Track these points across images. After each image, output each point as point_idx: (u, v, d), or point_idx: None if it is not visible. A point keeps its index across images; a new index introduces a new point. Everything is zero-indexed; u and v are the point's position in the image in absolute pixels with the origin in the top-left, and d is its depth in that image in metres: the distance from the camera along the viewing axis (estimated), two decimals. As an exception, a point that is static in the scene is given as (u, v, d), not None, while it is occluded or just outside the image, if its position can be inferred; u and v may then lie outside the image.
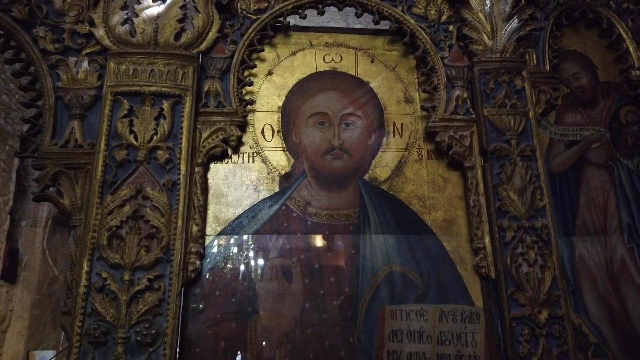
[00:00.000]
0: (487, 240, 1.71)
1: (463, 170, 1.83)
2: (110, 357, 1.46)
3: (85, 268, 1.54)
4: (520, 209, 1.70)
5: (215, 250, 1.70)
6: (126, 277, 1.54)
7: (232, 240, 1.72)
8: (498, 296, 1.64)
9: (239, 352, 1.59)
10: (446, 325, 1.64)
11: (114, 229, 1.58)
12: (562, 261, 1.73)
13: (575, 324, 1.66)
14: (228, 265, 1.70)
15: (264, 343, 1.60)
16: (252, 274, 1.69)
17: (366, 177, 1.84)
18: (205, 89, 1.83)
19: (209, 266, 1.68)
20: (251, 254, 1.71)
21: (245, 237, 1.73)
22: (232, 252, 1.71)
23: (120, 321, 1.50)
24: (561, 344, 1.56)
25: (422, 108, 1.92)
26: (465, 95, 1.89)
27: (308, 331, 1.63)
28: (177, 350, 1.51)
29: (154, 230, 1.60)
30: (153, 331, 1.49)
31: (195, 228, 1.67)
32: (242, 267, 1.70)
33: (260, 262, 1.71)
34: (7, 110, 8.85)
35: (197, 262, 1.63)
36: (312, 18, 1.99)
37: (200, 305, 1.63)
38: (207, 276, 1.66)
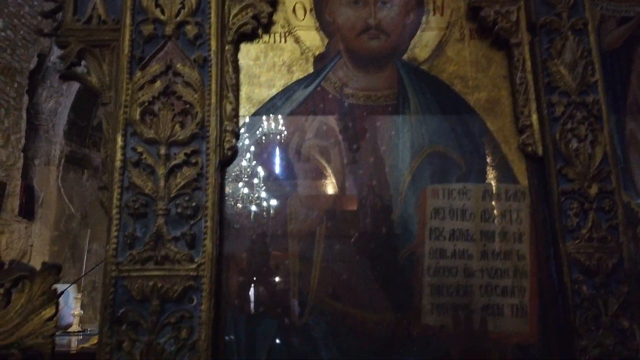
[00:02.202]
0: (534, 117, 1.63)
1: (508, 48, 1.71)
2: (151, 229, 1.44)
3: (120, 143, 1.50)
4: (571, 84, 1.61)
5: (250, 130, 1.64)
6: (162, 152, 1.49)
7: (267, 121, 1.66)
8: (545, 173, 1.58)
9: (278, 230, 1.56)
10: (490, 203, 1.60)
11: (146, 104, 1.52)
12: (612, 138, 1.65)
13: (624, 201, 1.61)
14: (264, 145, 1.64)
15: (303, 220, 1.58)
16: (289, 154, 1.64)
17: (405, 57, 1.74)
18: (232, -38, 1.70)
19: (245, 146, 1.62)
20: (287, 134, 1.66)
21: (280, 118, 1.66)
22: (268, 133, 1.65)
23: (159, 194, 1.46)
24: (611, 218, 1.51)
25: (465, -17, 1.79)
26: (512, -33, 1.74)
27: (348, 209, 1.59)
28: (218, 224, 1.49)
29: (187, 106, 1.54)
30: (193, 204, 1.46)
31: (229, 107, 1.60)
32: (278, 148, 1.65)
33: (297, 142, 1.65)
34: (12, 47, 8.63)
35: (233, 140, 1.57)
36: None
37: (238, 184, 1.59)
38: (243, 156, 1.61)
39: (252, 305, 1.50)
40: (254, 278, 1.52)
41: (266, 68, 1.70)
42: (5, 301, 1.52)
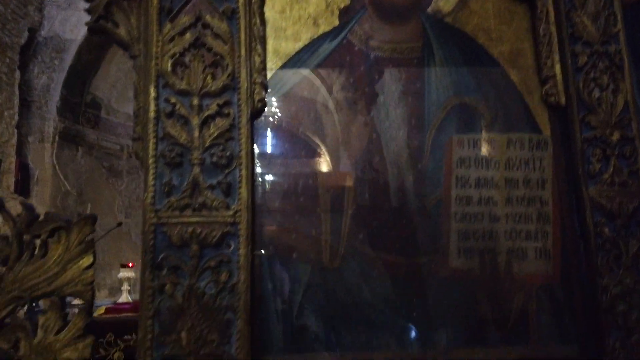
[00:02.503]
0: (557, 68, 1.66)
1: (531, 1, 1.73)
2: (188, 177, 1.47)
3: (153, 94, 1.51)
4: (594, 35, 1.64)
5: (278, 83, 1.66)
6: (195, 102, 1.51)
7: (294, 74, 1.67)
8: (567, 122, 1.62)
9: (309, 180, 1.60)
10: (514, 152, 1.64)
11: (177, 56, 1.54)
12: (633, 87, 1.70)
13: None
14: (292, 98, 1.66)
15: (333, 170, 1.61)
16: (317, 106, 1.66)
17: (429, 10, 1.75)
18: None
19: (274, 99, 1.64)
20: (314, 87, 1.67)
21: (306, 71, 1.68)
22: (295, 86, 1.67)
23: (194, 144, 1.49)
24: (631, 163, 1.57)
25: None
26: None
27: (376, 159, 1.63)
28: (253, 172, 1.52)
29: (218, 57, 1.55)
30: (228, 153, 1.49)
31: (257, 59, 1.61)
32: (306, 100, 1.67)
33: (324, 95, 1.67)
34: (3, 21, 8.43)
35: (263, 92, 1.59)
36: None
37: (269, 135, 1.62)
38: (272, 108, 1.64)
39: (286, 251, 1.55)
40: (287, 226, 1.56)
41: (292, 21, 1.71)
42: (43, 251, 1.55)
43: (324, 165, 1.62)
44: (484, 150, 1.64)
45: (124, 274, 5.56)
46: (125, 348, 4.37)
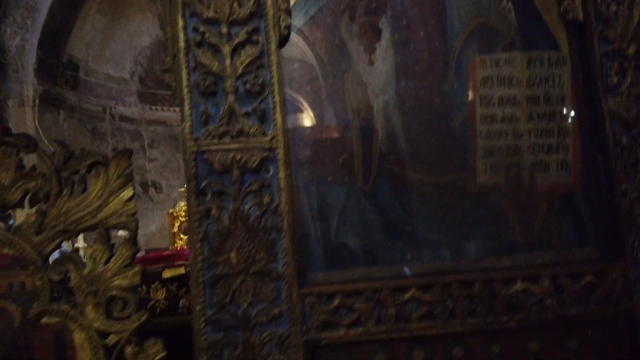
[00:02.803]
0: (575, -16, 1.69)
1: None
2: (223, 106, 1.49)
3: (181, 24, 1.51)
4: (610, -49, 1.66)
5: (300, 11, 1.66)
6: (224, 30, 1.51)
7: (315, 1, 1.67)
8: (586, 37, 1.67)
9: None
10: (534, 70, 1.69)
11: (201, -17, 1.52)
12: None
13: (657, 60, 1.72)
14: (316, 25, 1.67)
15: (361, 94, 1.65)
16: (341, 32, 1.67)
17: None
18: None
19: (298, 26, 1.65)
20: (337, 13, 1.68)
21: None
22: (317, 13, 1.67)
23: (226, 72, 1.50)
24: (647, 75, 1.63)
25: None
26: None
27: (402, 83, 1.66)
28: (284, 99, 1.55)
29: (242, -16, 1.54)
30: (260, 81, 1.51)
31: (280, -14, 1.60)
32: (330, 27, 1.68)
33: (347, 20, 1.68)
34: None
35: (288, 19, 1.59)
36: None
37: (296, 64, 1.63)
38: (297, 35, 1.64)
39: (320, 174, 1.60)
40: (320, 150, 1.61)
41: (310, -53, 1.69)
42: (82, 187, 1.58)
43: (351, 89, 1.65)
44: (506, 69, 1.68)
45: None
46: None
